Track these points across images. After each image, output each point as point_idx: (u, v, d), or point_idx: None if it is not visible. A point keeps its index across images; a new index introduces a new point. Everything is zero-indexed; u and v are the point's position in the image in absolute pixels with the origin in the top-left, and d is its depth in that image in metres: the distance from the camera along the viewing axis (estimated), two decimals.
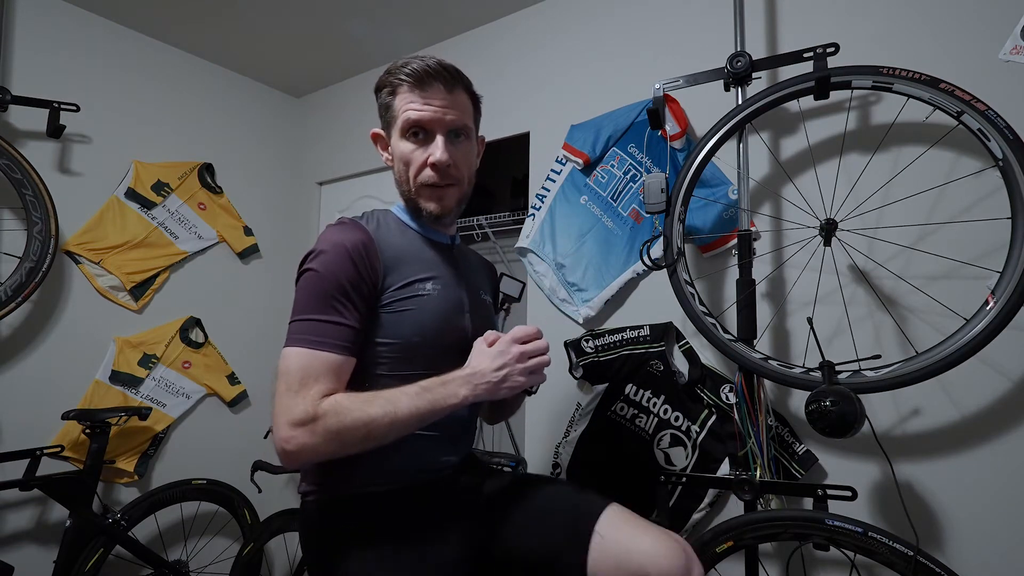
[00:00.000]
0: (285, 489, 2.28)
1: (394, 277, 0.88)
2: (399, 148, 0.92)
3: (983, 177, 1.10)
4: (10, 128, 1.72)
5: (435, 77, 0.89)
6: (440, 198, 0.93)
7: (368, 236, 0.87)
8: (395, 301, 0.87)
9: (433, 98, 0.90)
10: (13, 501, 1.66)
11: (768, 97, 1.16)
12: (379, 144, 0.99)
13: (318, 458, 0.78)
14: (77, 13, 1.90)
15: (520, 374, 0.84)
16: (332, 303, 0.81)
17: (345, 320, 0.82)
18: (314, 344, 0.80)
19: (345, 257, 0.83)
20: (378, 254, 0.87)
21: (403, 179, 0.94)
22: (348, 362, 0.82)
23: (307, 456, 0.77)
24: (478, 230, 2.00)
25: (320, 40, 2.12)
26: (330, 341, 0.80)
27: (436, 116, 0.90)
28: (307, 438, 0.75)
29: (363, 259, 0.84)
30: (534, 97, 1.84)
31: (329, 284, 0.82)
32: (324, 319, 0.81)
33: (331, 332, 0.80)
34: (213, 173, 2.23)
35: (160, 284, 2.05)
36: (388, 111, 0.93)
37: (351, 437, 0.76)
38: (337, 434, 0.76)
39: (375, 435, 0.77)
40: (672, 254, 1.22)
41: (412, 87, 0.89)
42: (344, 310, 0.82)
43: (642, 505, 1.37)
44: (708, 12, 1.48)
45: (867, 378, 1.01)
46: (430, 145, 0.91)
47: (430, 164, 0.90)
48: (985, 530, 1.07)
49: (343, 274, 0.82)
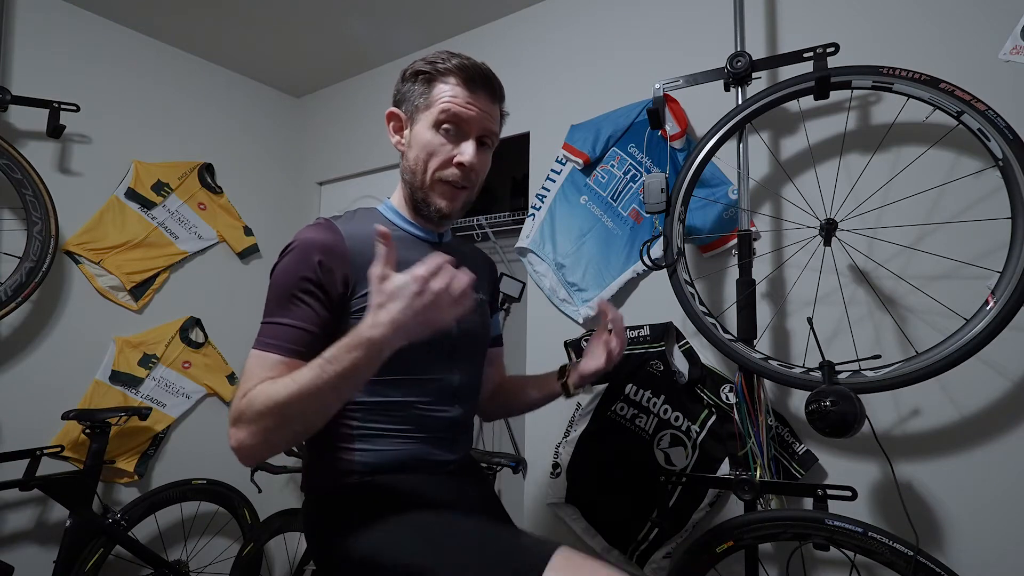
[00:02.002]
0: (285, 489, 2.28)
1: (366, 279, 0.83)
2: (424, 137, 0.89)
3: (983, 177, 1.10)
4: (10, 128, 1.72)
5: (485, 84, 0.89)
6: (452, 198, 0.92)
7: (337, 237, 0.85)
8: (367, 305, 0.82)
9: (478, 100, 0.89)
10: (13, 501, 1.66)
11: (768, 97, 1.16)
12: (393, 125, 0.95)
13: (256, 452, 0.75)
14: (77, 13, 1.90)
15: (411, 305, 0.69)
16: (286, 304, 0.80)
17: (294, 321, 0.80)
18: (262, 345, 0.79)
19: (306, 258, 0.81)
20: (346, 256, 0.84)
21: (419, 168, 0.90)
22: (293, 364, 0.77)
23: (246, 452, 0.74)
24: (478, 230, 2.00)
25: (320, 40, 2.13)
26: (276, 343, 0.79)
27: (477, 118, 0.89)
28: (238, 434, 0.74)
29: (327, 260, 0.82)
30: (534, 97, 1.84)
31: (286, 285, 0.81)
32: (275, 321, 0.80)
33: (279, 334, 0.79)
34: (213, 173, 2.23)
35: (160, 284, 2.05)
36: (420, 97, 0.90)
37: (269, 423, 0.72)
38: (256, 423, 0.72)
39: (292, 414, 0.72)
40: (672, 254, 1.22)
41: (461, 82, 0.88)
42: (297, 310, 0.80)
43: (642, 505, 1.38)
44: (708, 12, 1.48)
45: (867, 378, 1.01)
46: (461, 144, 0.89)
47: (456, 163, 0.89)
48: (985, 530, 1.07)
49: (300, 275, 0.81)
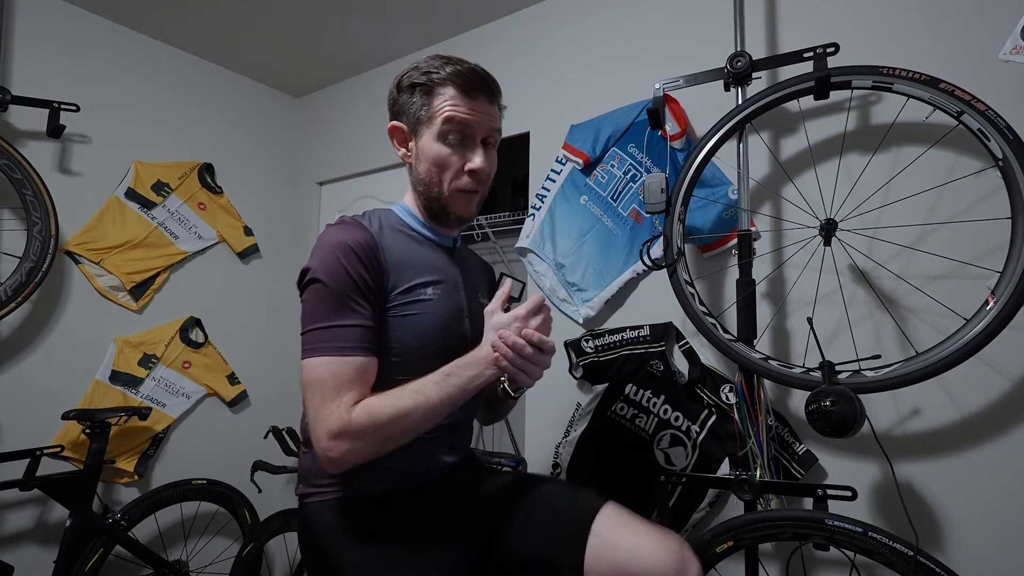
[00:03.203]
0: (285, 489, 2.28)
1: (396, 281, 0.87)
2: (432, 149, 0.89)
3: (983, 177, 1.10)
4: (10, 128, 1.72)
5: (482, 87, 0.90)
6: (469, 203, 0.93)
7: (371, 236, 0.86)
8: (398, 305, 0.86)
9: (479, 104, 0.89)
10: (13, 501, 1.66)
11: (768, 97, 1.16)
12: (396, 139, 0.95)
13: (362, 459, 0.78)
14: (77, 13, 1.90)
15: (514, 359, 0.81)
16: (347, 304, 0.81)
17: (362, 321, 0.81)
18: (337, 350, 0.79)
19: (351, 256, 0.82)
20: (382, 255, 0.86)
21: (433, 182, 0.91)
22: (372, 362, 0.82)
23: (352, 459, 0.78)
24: (478, 230, 2.00)
25: (320, 40, 2.12)
26: (352, 344, 0.80)
27: (480, 122, 0.89)
28: (347, 444, 0.76)
29: (369, 258, 0.83)
30: (534, 97, 1.84)
31: (340, 286, 0.81)
32: (341, 324, 0.80)
33: (351, 335, 0.80)
34: (213, 173, 2.23)
35: (160, 284, 2.05)
36: (422, 109, 0.90)
37: (388, 433, 0.77)
38: (374, 434, 0.77)
39: (412, 427, 0.78)
40: (672, 254, 1.22)
41: (459, 90, 0.88)
42: (360, 309, 0.81)
43: (642, 505, 1.37)
44: (708, 12, 1.48)
45: (867, 378, 1.01)
46: (468, 151, 0.90)
47: (469, 171, 0.90)
48: (985, 530, 1.07)
49: (352, 274, 0.81)
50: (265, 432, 1.89)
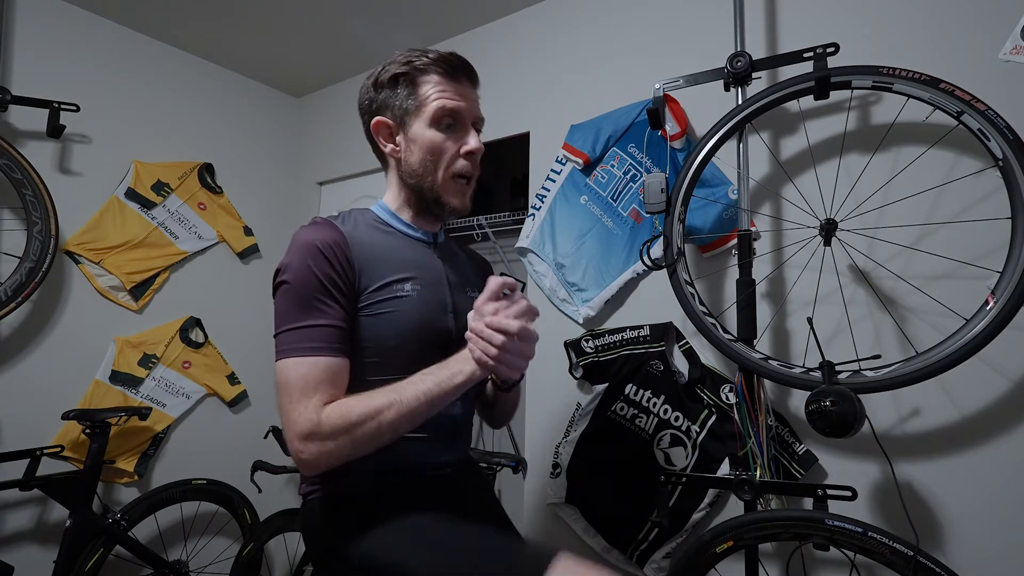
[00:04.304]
0: (285, 489, 2.28)
1: (370, 279, 0.85)
2: (425, 137, 0.88)
3: (983, 177, 1.10)
4: (10, 128, 1.72)
5: (465, 71, 0.91)
6: (463, 194, 0.93)
7: (340, 235, 0.85)
8: (372, 304, 0.85)
9: (464, 88, 0.90)
10: (13, 501, 1.66)
11: (768, 97, 1.16)
12: (381, 136, 0.93)
13: (336, 461, 0.76)
14: (77, 13, 1.90)
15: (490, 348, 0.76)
16: (314, 305, 0.79)
17: (330, 321, 0.80)
18: (305, 351, 0.78)
19: (318, 256, 0.81)
20: (353, 252, 0.84)
21: (427, 170, 0.89)
22: (343, 363, 0.80)
23: (324, 462, 0.76)
24: (478, 230, 2.00)
25: (320, 40, 2.12)
26: (320, 345, 0.78)
27: (469, 107, 0.90)
28: (318, 446, 0.75)
29: (337, 257, 0.82)
30: (534, 97, 1.84)
31: (307, 287, 0.80)
32: (310, 324, 0.79)
33: (319, 336, 0.79)
34: (213, 173, 2.23)
35: (160, 284, 2.05)
36: (408, 99, 0.89)
37: (361, 433, 0.75)
38: (347, 433, 0.75)
39: (386, 427, 0.75)
40: (672, 254, 1.22)
41: (444, 77, 0.88)
42: (327, 309, 0.80)
43: (642, 505, 1.38)
44: (708, 12, 1.48)
45: (867, 378, 1.01)
46: (462, 135, 0.90)
47: (464, 153, 0.90)
48: (985, 530, 1.07)
49: (319, 274, 0.80)
50: (265, 432, 1.89)
